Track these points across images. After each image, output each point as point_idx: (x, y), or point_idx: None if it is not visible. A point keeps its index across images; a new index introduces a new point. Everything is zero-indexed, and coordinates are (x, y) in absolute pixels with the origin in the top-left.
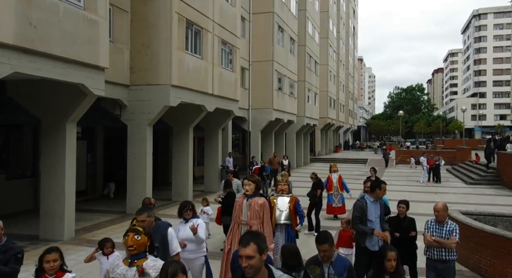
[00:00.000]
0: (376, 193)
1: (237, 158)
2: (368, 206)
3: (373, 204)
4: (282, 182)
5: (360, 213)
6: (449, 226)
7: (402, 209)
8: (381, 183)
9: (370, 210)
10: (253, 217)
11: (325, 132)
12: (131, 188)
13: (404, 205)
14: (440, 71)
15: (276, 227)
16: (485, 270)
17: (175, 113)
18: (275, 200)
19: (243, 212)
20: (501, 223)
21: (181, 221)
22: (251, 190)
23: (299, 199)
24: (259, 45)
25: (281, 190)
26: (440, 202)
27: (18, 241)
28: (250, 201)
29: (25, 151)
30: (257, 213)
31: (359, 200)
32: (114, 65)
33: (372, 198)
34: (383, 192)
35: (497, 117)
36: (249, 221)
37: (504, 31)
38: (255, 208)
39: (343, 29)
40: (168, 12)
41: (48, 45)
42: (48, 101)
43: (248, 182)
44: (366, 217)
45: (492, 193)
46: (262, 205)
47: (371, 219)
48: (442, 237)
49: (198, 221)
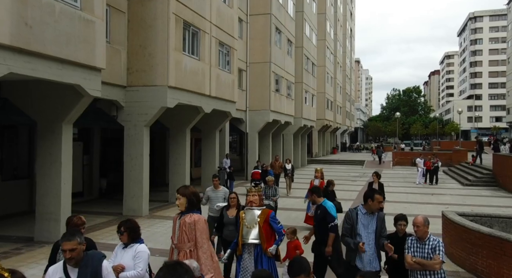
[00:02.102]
0: (368, 204)
1: (234, 159)
2: (359, 218)
3: (366, 216)
4: (251, 192)
5: (350, 224)
6: (431, 243)
7: (403, 227)
8: (374, 193)
9: (361, 222)
10: (182, 240)
11: (323, 134)
12: (127, 189)
13: (404, 222)
14: (436, 74)
15: (243, 248)
16: (481, 271)
17: (172, 114)
18: (244, 214)
19: (175, 232)
20: (497, 224)
21: (120, 245)
22: (181, 205)
23: (273, 213)
24: (257, 46)
25: (250, 202)
26: (420, 216)
27: (13, 243)
28: (182, 219)
29: (21, 152)
30: (186, 235)
31: (351, 209)
32: (111, 66)
33: (365, 209)
34: (376, 204)
35: (493, 119)
36: (178, 244)
37: (500, 33)
38: (183, 229)
39: (340, 31)
40: (165, 13)
41: (44, 46)
42: (44, 102)
43: (178, 195)
44: (355, 230)
45: (488, 194)
46: (191, 224)
47: (360, 233)
48: (424, 256)
49: (139, 248)
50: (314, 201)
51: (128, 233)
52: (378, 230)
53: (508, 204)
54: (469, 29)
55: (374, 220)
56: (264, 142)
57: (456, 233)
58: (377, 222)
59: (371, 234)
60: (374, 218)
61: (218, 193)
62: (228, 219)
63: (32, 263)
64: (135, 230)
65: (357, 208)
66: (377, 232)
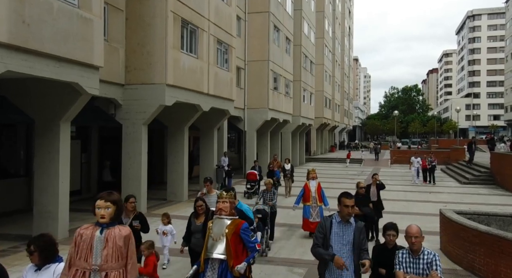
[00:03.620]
0: (340, 210)
1: (232, 158)
2: (333, 227)
3: (341, 225)
4: (221, 198)
5: (322, 233)
6: (426, 257)
7: (392, 237)
8: (341, 196)
9: (334, 232)
10: (112, 259)
11: (321, 132)
12: (126, 188)
13: (394, 231)
14: (434, 72)
15: (206, 263)
16: (478, 269)
17: (170, 112)
18: (212, 223)
19: (93, 251)
20: (494, 222)
21: (30, 266)
22: (108, 215)
23: (246, 224)
24: (255, 44)
25: (220, 209)
26: (414, 225)
27: (11, 241)
28: (107, 232)
29: (18, 150)
30: (118, 252)
31: (325, 217)
32: (109, 64)
33: (340, 217)
34: (343, 209)
35: (491, 117)
36: (104, 265)
37: (498, 32)
38: (116, 244)
39: (339, 29)
40: (163, 11)
41: (42, 44)
42: (42, 100)
43: (103, 202)
44: (328, 241)
45: (486, 193)
46: (126, 239)
47: (332, 244)
48: (419, 273)
49: (58, 268)
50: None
51: (39, 253)
52: (356, 242)
53: (506, 202)
54: (467, 28)
55: (350, 230)
56: (263, 140)
57: (453, 231)
58: (355, 233)
59: (346, 245)
60: (350, 228)
61: (211, 197)
62: (195, 226)
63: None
64: (49, 248)
65: (332, 216)
66: (355, 245)
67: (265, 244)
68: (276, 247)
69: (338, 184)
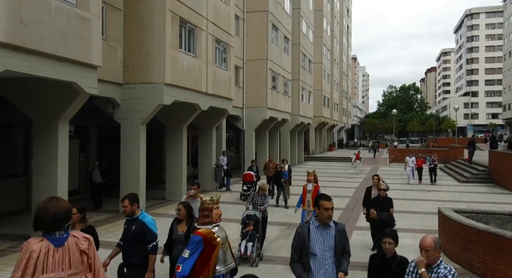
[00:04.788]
0: (318, 215)
1: (231, 157)
2: (311, 233)
3: (320, 229)
4: (217, 204)
5: (300, 243)
6: (440, 271)
7: (389, 245)
8: (320, 198)
9: (314, 238)
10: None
11: (319, 131)
12: (124, 187)
13: (391, 239)
14: (433, 70)
15: None
16: (477, 267)
17: (169, 112)
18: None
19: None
20: (493, 221)
21: None
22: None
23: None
24: (253, 43)
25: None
26: (429, 236)
27: (10, 241)
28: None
29: (17, 150)
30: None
31: (301, 224)
32: (107, 64)
33: (318, 221)
34: (323, 212)
35: (489, 116)
36: None
37: (496, 30)
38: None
39: (337, 28)
40: (161, 10)
41: (40, 43)
42: (40, 100)
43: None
44: (308, 249)
45: (484, 191)
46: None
47: (315, 252)
48: None
49: None
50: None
51: None
52: (338, 246)
53: (504, 201)
54: (465, 26)
55: (331, 234)
56: (261, 139)
57: (452, 230)
58: (336, 236)
59: (328, 251)
60: (331, 231)
61: (197, 203)
62: (177, 235)
63: None
64: None
65: (309, 221)
66: (338, 249)
67: (256, 253)
68: (274, 247)
69: (337, 183)
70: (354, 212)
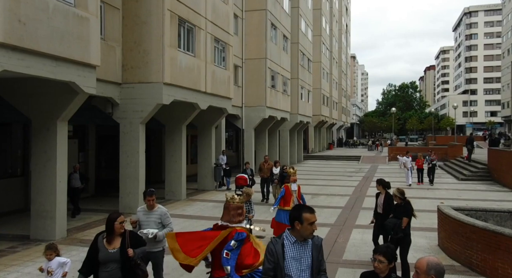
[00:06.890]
0: (296, 230)
1: (230, 156)
2: (286, 251)
3: (297, 246)
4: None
5: (273, 263)
6: None
7: (378, 264)
8: (302, 211)
9: (290, 257)
10: None
11: (319, 130)
12: (124, 187)
13: (381, 256)
14: (432, 69)
15: None
16: (476, 265)
17: (168, 111)
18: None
19: None
20: (492, 218)
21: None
22: None
23: None
24: (252, 42)
25: None
26: (424, 258)
27: (9, 241)
28: None
29: (15, 150)
30: None
31: (274, 240)
32: (106, 63)
33: (294, 236)
34: (307, 227)
35: (488, 114)
36: None
37: (495, 28)
38: None
39: (336, 26)
40: (160, 10)
41: (38, 43)
42: (38, 99)
43: None
44: (282, 270)
45: (483, 189)
46: None
47: (290, 273)
48: None
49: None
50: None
51: None
52: (315, 264)
53: (503, 198)
54: (464, 24)
55: (308, 250)
56: (260, 138)
57: (451, 227)
58: (313, 253)
59: (305, 271)
60: (307, 248)
61: (151, 215)
62: (107, 254)
63: (28, 261)
64: None
65: (283, 237)
66: (314, 267)
67: None
68: None
69: (337, 181)
70: (353, 210)
